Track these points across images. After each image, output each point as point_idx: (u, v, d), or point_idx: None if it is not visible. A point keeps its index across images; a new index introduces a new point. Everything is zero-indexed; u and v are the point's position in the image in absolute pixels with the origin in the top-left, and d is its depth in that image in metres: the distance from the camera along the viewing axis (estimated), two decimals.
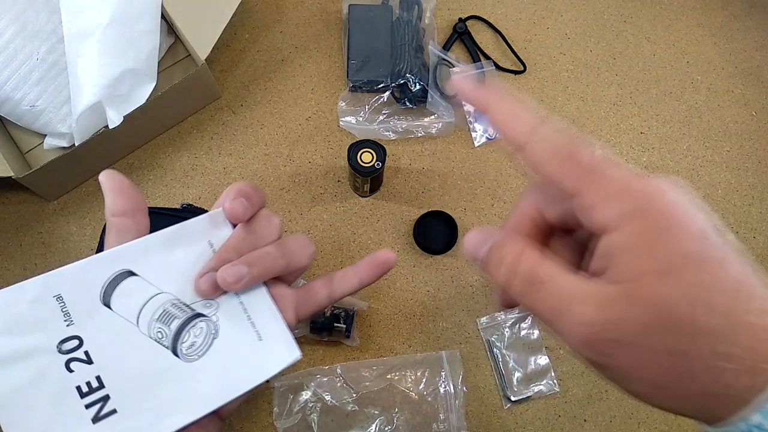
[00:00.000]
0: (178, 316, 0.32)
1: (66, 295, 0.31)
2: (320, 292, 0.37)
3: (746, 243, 0.81)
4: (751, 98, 0.88)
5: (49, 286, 0.31)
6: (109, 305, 0.31)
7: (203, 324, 0.33)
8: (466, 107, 0.85)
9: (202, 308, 0.33)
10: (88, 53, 0.71)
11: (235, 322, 0.33)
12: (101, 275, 0.31)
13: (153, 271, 0.32)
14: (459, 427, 0.71)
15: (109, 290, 0.31)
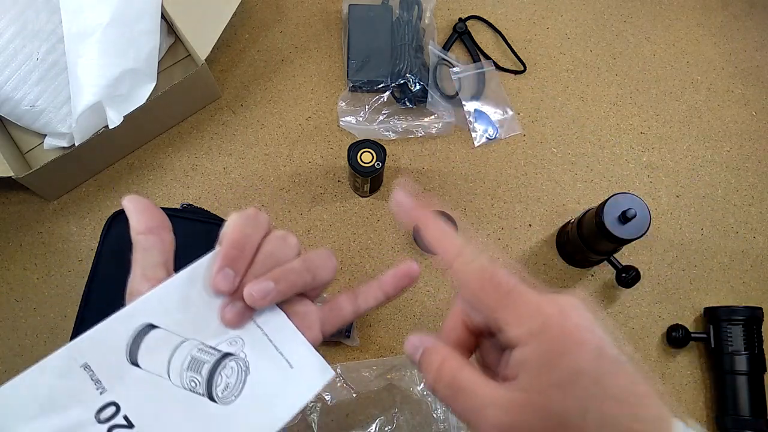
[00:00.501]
0: (206, 360, 0.32)
1: (92, 363, 0.30)
2: (345, 307, 0.37)
3: (746, 243, 0.81)
4: (751, 98, 0.88)
5: (74, 357, 0.30)
6: (137, 363, 0.31)
7: (233, 363, 0.32)
8: (466, 107, 0.85)
9: (228, 347, 0.32)
10: (88, 53, 0.71)
11: (263, 355, 0.33)
12: (123, 334, 0.31)
13: (173, 319, 0.32)
14: (459, 427, 0.71)
15: (134, 349, 0.31)
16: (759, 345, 0.72)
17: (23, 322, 0.75)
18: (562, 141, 0.85)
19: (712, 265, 0.80)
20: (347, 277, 0.78)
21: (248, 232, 0.34)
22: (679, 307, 0.79)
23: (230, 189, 0.81)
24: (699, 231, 0.82)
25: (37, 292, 0.76)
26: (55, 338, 0.74)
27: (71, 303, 0.75)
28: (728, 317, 0.73)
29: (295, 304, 0.35)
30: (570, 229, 0.75)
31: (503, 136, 0.84)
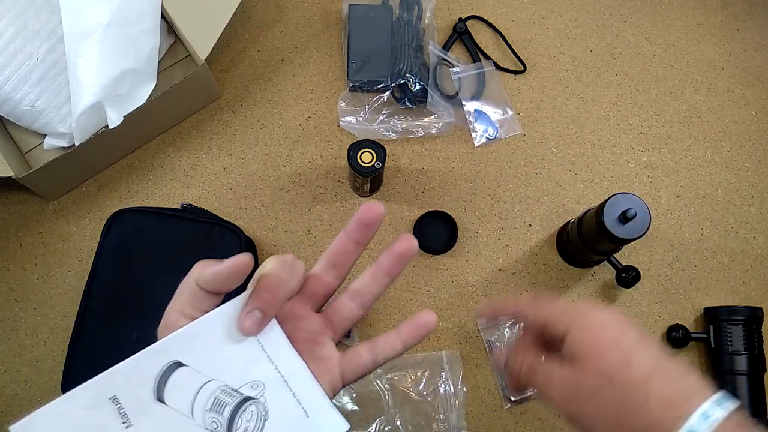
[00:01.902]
0: (228, 402, 0.32)
1: (121, 396, 0.31)
2: (365, 356, 0.38)
3: (746, 243, 0.81)
4: (751, 98, 0.88)
5: (104, 388, 0.31)
6: (162, 400, 0.31)
7: (253, 407, 0.33)
8: (466, 107, 0.85)
9: (250, 390, 0.33)
10: (88, 53, 0.71)
11: (281, 401, 0.33)
12: (152, 370, 0.31)
13: (199, 358, 0.32)
14: (459, 427, 0.71)
15: (161, 385, 0.31)
16: (759, 345, 0.72)
17: (23, 322, 0.75)
18: (562, 141, 0.85)
19: (712, 265, 0.80)
20: (347, 277, 0.77)
21: (284, 278, 0.35)
22: (679, 307, 0.79)
23: (230, 189, 0.81)
24: (699, 231, 0.82)
25: (37, 292, 0.76)
26: (55, 338, 0.74)
27: (71, 303, 0.75)
28: (728, 317, 0.73)
29: (317, 350, 0.36)
30: (570, 229, 0.75)
31: (503, 136, 0.84)
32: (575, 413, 0.36)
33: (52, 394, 0.73)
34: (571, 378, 0.37)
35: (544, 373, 0.39)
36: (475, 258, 0.79)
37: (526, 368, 0.41)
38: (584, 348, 0.37)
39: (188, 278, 0.34)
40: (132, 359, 0.32)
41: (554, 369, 0.39)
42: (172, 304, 0.35)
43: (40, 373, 0.73)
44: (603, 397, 0.35)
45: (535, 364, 0.40)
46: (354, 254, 0.39)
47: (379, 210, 0.36)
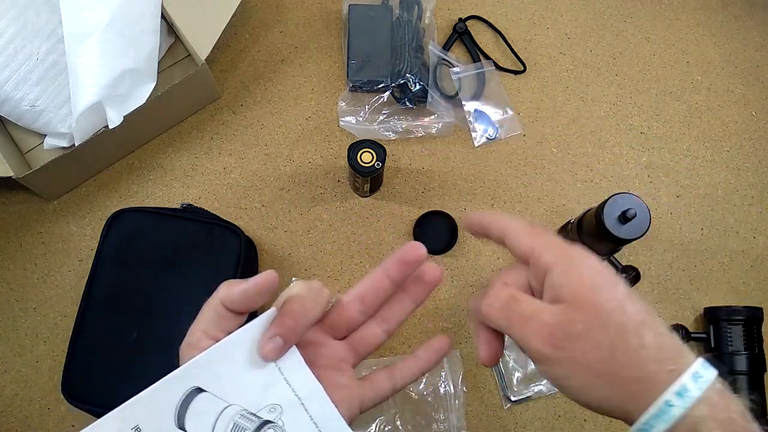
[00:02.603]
0: (247, 427, 0.32)
1: (143, 426, 0.31)
2: (384, 384, 0.38)
3: (746, 243, 0.81)
4: (751, 98, 0.88)
5: (127, 419, 0.31)
6: (183, 428, 0.32)
7: (271, 431, 0.33)
8: (466, 107, 0.85)
9: (267, 414, 0.33)
10: (88, 53, 0.71)
11: (299, 424, 0.33)
12: (173, 398, 0.32)
13: (219, 382, 0.33)
14: (459, 427, 0.71)
15: (182, 412, 0.32)
16: (759, 345, 0.72)
17: (23, 322, 0.75)
18: (562, 141, 0.85)
19: (712, 265, 0.80)
20: (347, 277, 0.78)
21: (309, 306, 0.35)
22: (679, 307, 0.79)
23: (230, 189, 0.81)
24: (699, 231, 0.82)
25: (37, 292, 0.76)
26: (55, 338, 0.74)
27: (71, 303, 0.75)
28: (728, 317, 0.73)
29: (336, 377, 0.36)
30: (570, 229, 0.75)
31: (503, 136, 0.84)
32: (557, 357, 0.32)
33: (52, 394, 0.74)
34: (559, 315, 0.32)
35: (525, 307, 0.34)
36: (475, 258, 0.79)
37: (502, 302, 0.36)
38: (575, 286, 0.33)
39: (213, 298, 0.34)
40: (153, 388, 0.32)
41: (537, 303, 0.34)
42: (196, 324, 0.35)
43: (40, 373, 0.73)
44: (593, 340, 0.31)
45: (515, 297, 0.35)
46: (386, 292, 0.38)
47: (422, 251, 0.37)
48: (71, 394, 0.65)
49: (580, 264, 0.34)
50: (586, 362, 0.31)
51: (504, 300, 0.35)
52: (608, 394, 0.31)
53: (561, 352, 0.32)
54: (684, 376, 0.30)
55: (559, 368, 0.32)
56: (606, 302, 0.32)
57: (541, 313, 0.33)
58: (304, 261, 0.78)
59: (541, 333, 0.33)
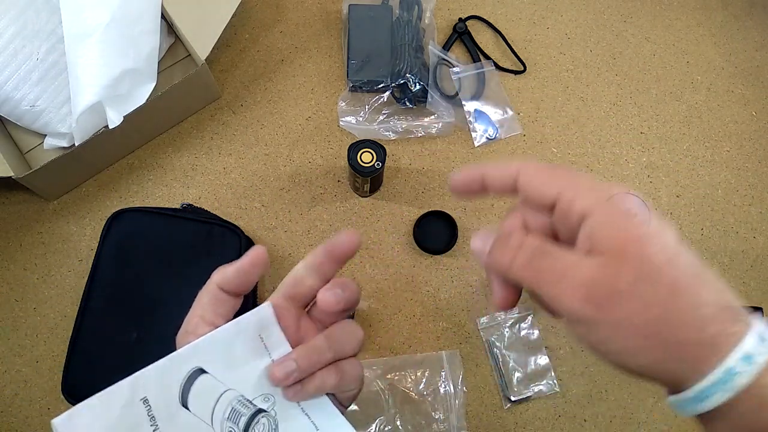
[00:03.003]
0: (244, 413, 0.33)
1: (151, 398, 0.32)
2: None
3: (746, 243, 0.81)
4: (751, 98, 0.88)
5: (137, 388, 0.32)
6: (186, 406, 0.33)
7: (265, 420, 0.34)
8: (466, 107, 0.85)
9: (262, 402, 0.34)
10: (88, 53, 0.71)
11: (291, 414, 0.34)
12: (177, 375, 0.33)
13: (219, 367, 0.34)
14: (459, 427, 0.71)
15: (186, 391, 0.33)
16: None
17: (23, 322, 0.75)
18: (562, 141, 0.85)
19: (712, 265, 0.80)
20: (347, 277, 0.78)
21: (335, 347, 0.34)
22: None
23: (230, 189, 0.81)
24: (699, 231, 0.82)
25: (37, 292, 0.76)
26: (55, 338, 0.74)
27: (71, 303, 0.75)
28: None
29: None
30: None
31: (503, 136, 0.84)
32: (598, 318, 0.27)
33: (52, 394, 0.74)
34: (600, 270, 0.27)
35: (558, 262, 0.29)
36: (475, 258, 0.79)
37: (527, 255, 0.30)
38: (618, 235, 0.27)
39: (208, 284, 0.35)
40: (161, 362, 0.33)
41: (571, 256, 0.29)
42: (192, 311, 0.35)
43: (40, 373, 0.73)
44: (642, 297, 0.26)
45: (544, 249, 0.30)
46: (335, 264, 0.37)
47: (355, 244, 0.36)
48: (71, 394, 0.66)
49: (621, 211, 0.28)
50: (633, 323, 0.27)
51: (530, 253, 0.30)
52: (658, 357, 0.27)
53: (603, 313, 0.27)
54: (749, 338, 0.25)
55: (600, 331, 0.28)
56: (656, 254, 0.27)
57: (578, 268, 0.28)
58: None
59: (579, 291, 0.28)
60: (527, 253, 0.30)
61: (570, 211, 0.29)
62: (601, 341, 0.28)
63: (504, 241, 0.32)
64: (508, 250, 0.31)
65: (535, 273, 0.30)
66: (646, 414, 0.73)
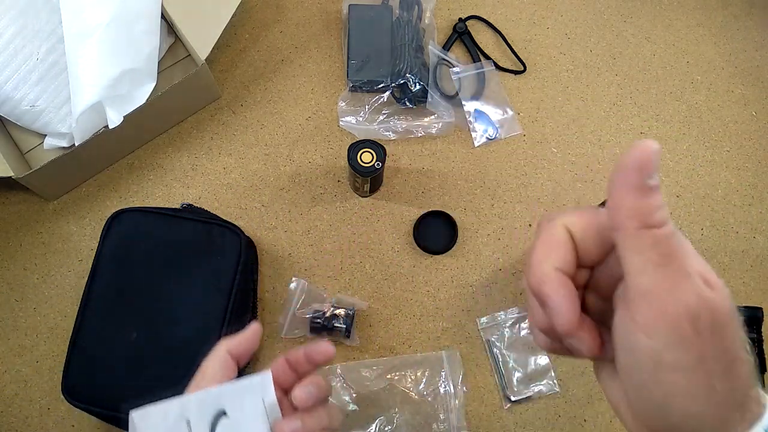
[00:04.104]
0: None
1: (192, 421, 0.40)
2: None
3: (746, 243, 0.81)
4: (751, 98, 0.88)
5: (185, 409, 0.40)
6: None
7: None
8: (466, 107, 0.85)
9: None
10: (88, 53, 0.71)
11: None
12: (210, 408, 0.40)
13: (234, 413, 0.40)
14: (459, 427, 0.71)
15: (213, 426, 0.40)
16: (759, 345, 0.72)
17: (23, 322, 0.75)
18: (562, 141, 0.85)
19: (712, 265, 0.80)
20: (347, 277, 0.78)
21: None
22: None
23: (230, 189, 0.81)
24: (699, 231, 0.82)
25: (37, 292, 0.76)
26: (56, 338, 0.74)
27: (71, 303, 0.75)
28: None
29: None
30: None
31: (503, 136, 0.84)
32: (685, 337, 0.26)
33: (52, 394, 0.74)
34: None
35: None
36: (475, 258, 0.79)
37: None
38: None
39: (217, 350, 0.43)
40: (204, 393, 0.40)
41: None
42: (203, 371, 0.43)
43: (40, 373, 0.73)
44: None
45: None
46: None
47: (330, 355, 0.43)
48: (71, 394, 0.65)
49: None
50: (704, 369, 0.26)
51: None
52: (717, 410, 0.26)
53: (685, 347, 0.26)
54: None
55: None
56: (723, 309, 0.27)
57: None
58: (304, 261, 0.78)
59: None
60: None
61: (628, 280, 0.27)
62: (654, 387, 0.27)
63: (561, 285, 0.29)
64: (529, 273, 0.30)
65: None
66: None
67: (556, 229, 0.29)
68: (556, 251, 0.29)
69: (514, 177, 0.83)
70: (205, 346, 0.50)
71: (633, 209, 0.25)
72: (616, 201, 0.26)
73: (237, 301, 0.69)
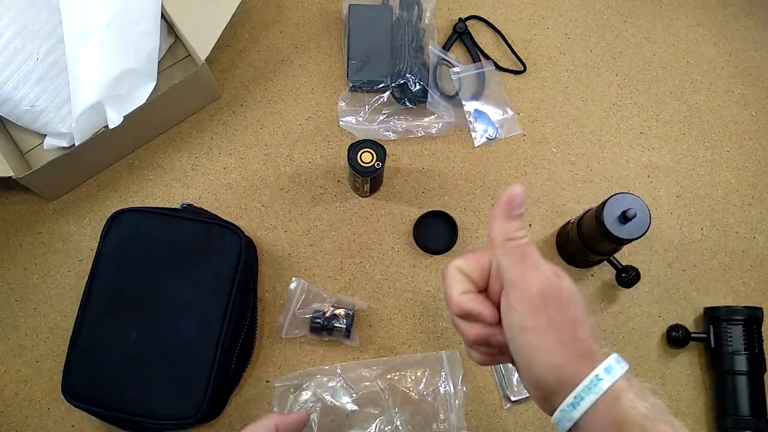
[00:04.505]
0: None
1: None
2: None
3: (746, 243, 0.81)
4: (751, 98, 0.88)
5: None
6: None
7: None
8: (466, 107, 0.85)
9: None
10: (88, 53, 0.71)
11: None
12: None
13: None
14: (459, 427, 0.71)
15: None
16: (759, 345, 0.72)
17: (23, 322, 0.75)
18: (562, 141, 0.85)
19: (712, 265, 0.80)
20: (347, 277, 0.78)
21: None
22: (679, 307, 0.78)
23: (230, 189, 0.81)
24: (699, 231, 0.82)
25: (37, 292, 0.76)
26: (56, 338, 0.74)
27: (71, 303, 0.75)
28: (728, 317, 0.73)
29: None
30: (570, 229, 0.75)
31: (503, 136, 0.84)
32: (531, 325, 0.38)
33: (52, 394, 0.74)
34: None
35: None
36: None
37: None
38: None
39: (265, 421, 0.51)
40: None
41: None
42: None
43: (40, 373, 0.73)
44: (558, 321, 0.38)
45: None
46: None
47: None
48: (71, 394, 0.65)
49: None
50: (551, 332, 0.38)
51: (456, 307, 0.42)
52: (559, 359, 0.37)
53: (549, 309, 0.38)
54: (610, 358, 0.37)
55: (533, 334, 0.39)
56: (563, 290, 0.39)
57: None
58: (304, 261, 0.78)
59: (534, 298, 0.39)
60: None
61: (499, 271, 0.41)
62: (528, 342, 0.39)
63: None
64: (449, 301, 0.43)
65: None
66: None
67: (450, 270, 0.43)
68: (456, 283, 0.42)
69: (514, 177, 0.83)
70: (205, 346, 0.51)
71: (502, 228, 0.39)
72: (492, 223, 0.40)
73: (237, 301, 0.69)
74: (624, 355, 0.39)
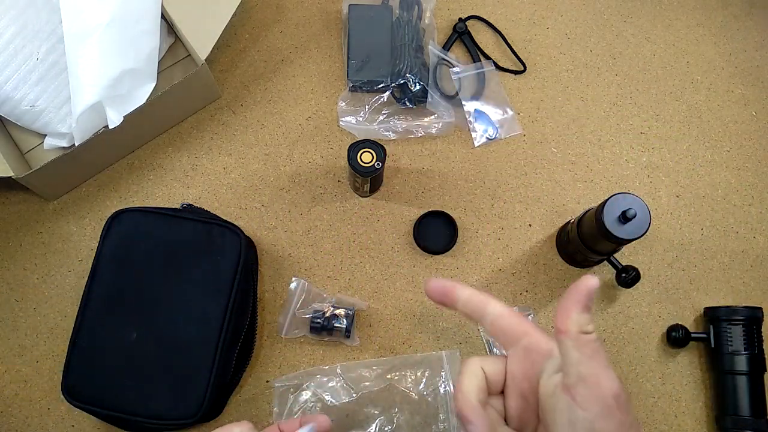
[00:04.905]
0: None
1: None
2: None
3: (746, 243, 0.81)
4: (751, 98, 0.88)
5: None
6: None
7: None
8: (466, 107, 0.85)
9: None
10: (88, 53, 0.71)
11: None
12: None
13: None
14: (459, 427, 0.71)
15: None
16: (759, 345, 0.72)
17: (23, 322, 0.75)
18: (562, 141, 0.85)
19: (712, 265, 0.80)
20: (347, 277, 0.78)
21: None
22: (679, 307, 0.79)
23: (230, 189, 0.81)
24: (699, 231, 0.82)
25: (37, 292, 0.76)
26: (55, 338, 0.74)
27: (71, 303, 0.75)
28: (728, 317, 0.73)
29: None
30: (570, 229, 0.75)
31: (503, 136, 0.84)
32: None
33: (52, 394, 0.74)
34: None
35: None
36: (475, 258, 0.79)
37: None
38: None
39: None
40: None
41: None
42: None
43: (40, 373, 0.73)
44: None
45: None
46: None
47: None
48: (71, 394, 0.66)
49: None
50: None
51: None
52: None
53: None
54: None
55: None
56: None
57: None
58: (304, 261, 0.78)
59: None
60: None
61: (538, 345, 0.38)
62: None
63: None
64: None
65: None
66: (646, 413, 0.73)
67: (472, 365, 0.42)
68: (474, 378, 0.42)
69: (514, 177, 0.83)
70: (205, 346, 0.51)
71: (578, 320, 0.36)
72: (566, 312, 0.36)
73: (237, 301, 0.69)
74: (624, 355, 0.38)
